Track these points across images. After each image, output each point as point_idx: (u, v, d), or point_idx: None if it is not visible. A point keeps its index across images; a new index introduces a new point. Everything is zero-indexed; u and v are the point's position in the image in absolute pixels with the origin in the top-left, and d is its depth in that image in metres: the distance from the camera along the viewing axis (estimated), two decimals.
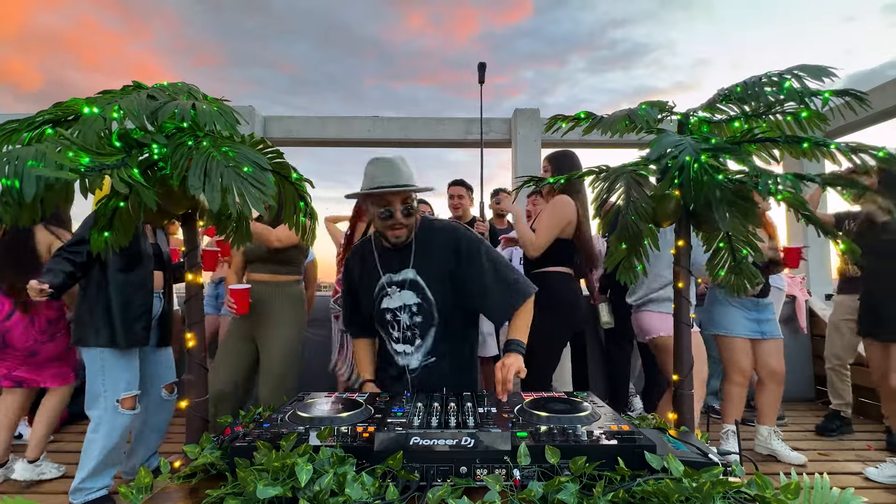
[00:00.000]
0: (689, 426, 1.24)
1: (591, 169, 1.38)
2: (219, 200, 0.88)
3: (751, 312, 2.63)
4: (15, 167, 0.81)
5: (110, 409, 2.05)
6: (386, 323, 1.62)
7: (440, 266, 1.59)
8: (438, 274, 1.59)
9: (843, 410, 3.14)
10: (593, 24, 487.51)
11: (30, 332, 2.36)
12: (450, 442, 0.90)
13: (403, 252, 1.61)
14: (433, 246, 1.61)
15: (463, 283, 1.57)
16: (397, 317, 1.60)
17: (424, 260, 1.60)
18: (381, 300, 1.62)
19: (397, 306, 1.60)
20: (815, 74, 1.10)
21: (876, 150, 1.05)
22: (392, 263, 1.62)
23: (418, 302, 1.58)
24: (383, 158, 1.52)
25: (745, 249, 1.34)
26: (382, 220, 1.53)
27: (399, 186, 1.47)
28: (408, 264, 1.60)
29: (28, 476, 2.38)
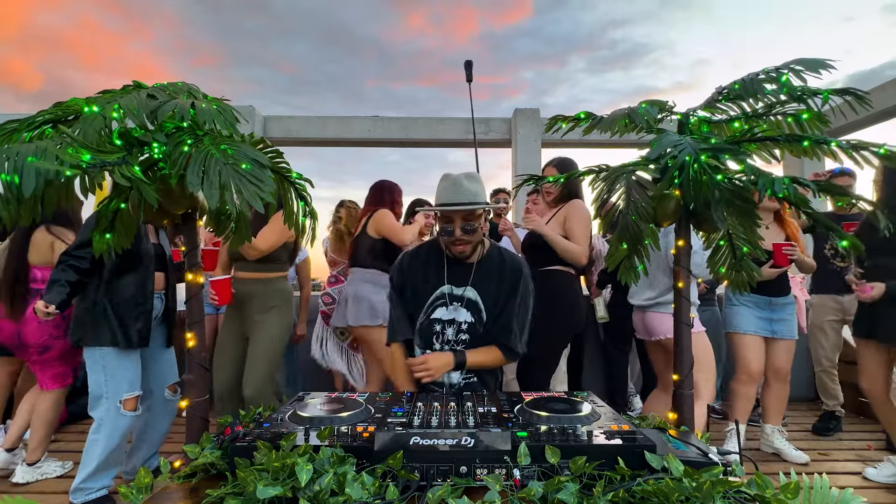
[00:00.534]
0: (689, 426, 1.24)
1: (591, 168, 1.38)
2: (217, 198, 0.88)
3: (763, 311, 2.61)
4: (14, 163, 0.81)
5: (113, 411, 2.05)
6: (431, 333, 1.63)
7: (498, 294, 1.62)
8: (495, 300, 1.62)
9: (838, 410, 3.15)
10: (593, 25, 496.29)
11: (44, 327, 2.37)
12: (450, 442, 0.90)
13: (469, 269, 1.63)
14: (498, 274, 1.64)
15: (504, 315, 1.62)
16: (445, 329, 1.62)
17: (486, 283, 1.63)
18: (435, 309, 1.63)
19: (448, 319, 1.62)
20: (813, 67, 1.10)
21: (877, 147, 1.05)
22: (455, 277, 1.64)
23: (471, 321, 1.61)
24: (450, 176, 1.56)
25: (745, 246, 1.34)
26: (444, 236, 1.58)
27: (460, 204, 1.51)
28: (473, 282, 1.62)
29: (29, 478, 2.38)
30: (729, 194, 1.14)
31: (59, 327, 2.39)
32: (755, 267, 1.38)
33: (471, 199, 1.53)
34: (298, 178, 1.24)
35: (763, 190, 1.04)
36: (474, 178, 1.56)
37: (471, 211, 1.54)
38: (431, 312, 1.63)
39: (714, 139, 1.23)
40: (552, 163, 2.56)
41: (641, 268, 1.41)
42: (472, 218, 1.56)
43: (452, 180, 1.55)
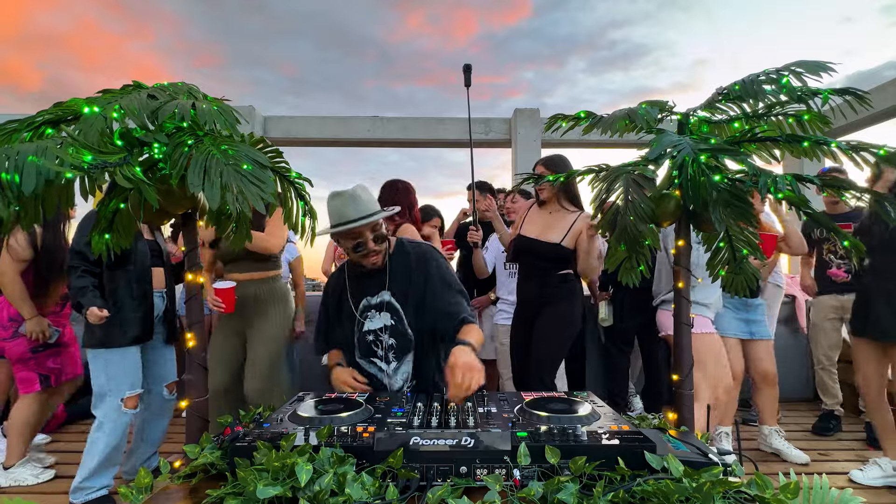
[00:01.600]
0: (688, 426, 1.24)
1: (590, 168, 1.38)
2: (218, 198, 0.88)
3: (739, 312, 2.62)
4: (15, 162, 0.81)
5: (114, 409, 2.06)
6: (369, 343, 1.64)
7: (414, 284, 1.64)
8: (411, 295, 1.63)
9: (837, 409, 3.16)
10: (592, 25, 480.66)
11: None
12: (450, 442, 0.90)
13: (378, 275, 1.65)
14: (408, 266, 1.66)
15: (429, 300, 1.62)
16: (380, 336, 1.64)
17: (400, 281, 1.64)
18: (363, 323, 1.65)
19: (379, 327, 1.63)
20: (813, 70, 1.10)
21: (876, 148, 1.05)
22: (369, 286, 1.66)
23: (391, 324, 1.62)
24: (343, 192, 1.54)
25: (745, 249, 1.34)
26: (357, 252, 1.57)
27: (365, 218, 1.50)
28: (384, 286, 1.64)
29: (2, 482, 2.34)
30: (727, 195, 1.14)
31: (6, 329, 2.35)
32: (756, 269, 1.38)
33: (373, 208, 1.54)
34: (298, 177, 1.24)
35: (764, 189, 1.04)
36: (365, 188, 1.58)
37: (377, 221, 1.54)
38: (362, 326, 1.66)
39: (714, 139, 1.23)
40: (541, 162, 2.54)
41: (642, 268, 1.41)
42: (379, 227, 1.57)
43: (349, 195, 1.52)
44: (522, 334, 2.45)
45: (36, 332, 2.34)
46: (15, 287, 2.30)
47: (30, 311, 2.34)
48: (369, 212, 1.52)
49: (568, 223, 2.41)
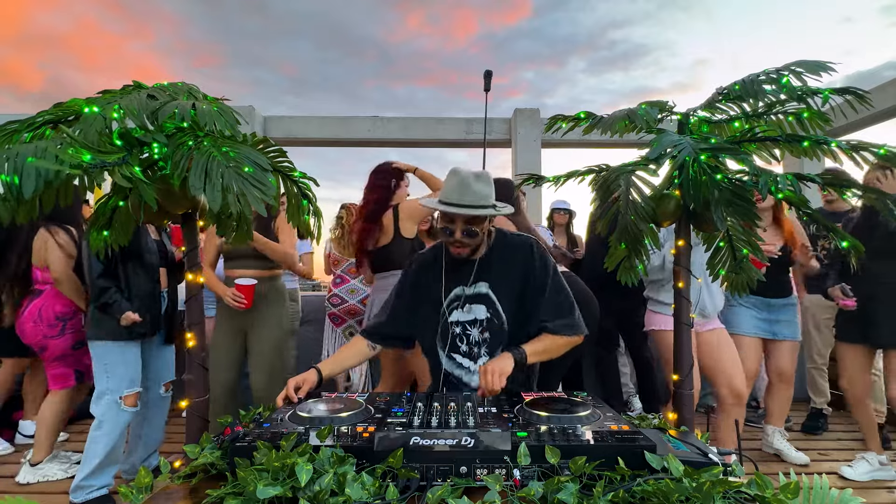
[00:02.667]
0: (688, 426, 1.24)
1: (591, 168, 1.38)
2: (220, 201, 0.88)
3: (761, 312, 2.59)
4: (14, 163, 0.81)
5: (113, 407, 2.07)
6: (454, 336, 1.56)
7: (512, 283, 1.55)
8: (510, 290, 1.55)
9: (825, 408, 3.16)
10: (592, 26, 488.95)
11: (38, 327, 2.37)
12: (450, 442, 0.90)
13: (477, 265, 1.56)
14: (505, 260, 1.57)
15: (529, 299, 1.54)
16: (467, 330, 1.56)
17: (497, 275, 1.56)
18: (451, 312, 1.57)
19: (468, 320, 1.55)
20: (813, 70, 1.10)
21: (876, 147, 1.05)
22: (464, 275, 1.57)
23: (488, 317, 1.54)
24: (459, 174, 1.46)
25: (745, 248, 1.34)
26: (445, 235, 1.51)
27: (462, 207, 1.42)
28: (481, 277, 1.56)
29: (31, 479, 2.37)
30: (729, 194, 1.14)
31: (53, 327, 2.38)
32: (755, 269, 1.38)
33: (477, 201, 1.44)
34: (302, 176, 1.24)
35: (765, 188, 1.04)
36: (483, 179, 1.47)
37: (475, 216, 1.46)
38: (448, 315, 1.57)
39: (714, 139, 1.23)
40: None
41: (641, 268, 1.41)
42: (476, 222, 1.48)
43: (461, 178, 1.45)
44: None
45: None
46: (73, 284, 2.35)
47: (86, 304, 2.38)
48: (471, 203, 1.43)
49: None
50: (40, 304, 2.40)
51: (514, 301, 1.54)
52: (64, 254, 2.34)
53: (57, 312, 2.39)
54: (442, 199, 1.47)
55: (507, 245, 1.59)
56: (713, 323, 2.29)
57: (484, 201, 1.45)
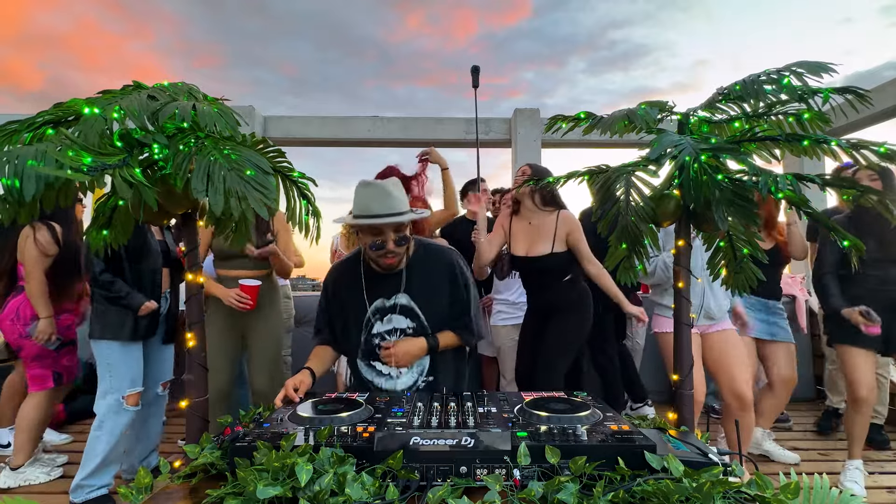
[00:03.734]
0: (688, 426, 1.24)
1: (590, 168, 1.38)
2: (222, 204, 0.88)
3: (759, 313, 2.59)
4: (15, 166, 0.81)
5: (115, 406, 2.07)
6: (373, 348, 1.58)
7: (436, 291, 1.59)
8: (434, 298, 1.59)
9: (841, 408, 3.12)
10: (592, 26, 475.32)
11: (15, 325, 2.35)
12: (450, 442, 0.90)
13: (395, 276, 1.58)
14: (430, 270, 1.60)
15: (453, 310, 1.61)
16: (385, 339, 1.58)
17: (419, 285, 1.58)
18: (372, 326, 1.59)
19: (387, 330, 1.58)
20: (814, 70, 1.10)
21: (877, 145, 1.05)
22: (383, 288, 1.58)
23: (413, 326, 1.57)
24: (374, 184, 1.47)
25: (745, 248, 1.34)
26: (374, 250, 1.49)
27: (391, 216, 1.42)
28: (400, 289, 1.57)
29: (11, 483, 2.33)
30: (730, 194, 1.14)
31: (28, 326, 2.36)
32: (755, 268, 1.38)
33: (401, 207, 1.45)
34: (301, 177, 1.23)
35: (765, 188, 1.04)
36: (398, 185, 1.50)
37: (402, 222, 1.46)
38: (370, 329, 1.59)
39: (714, 139, 1.23)
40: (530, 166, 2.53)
41: (641, 267, 1.41)
42: (404, 228, 1.49)
43: (380, 189, 1.44)
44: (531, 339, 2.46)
45: (46, 333, 2.34)
46: (39, 285, 2.31)
47: (47, 311, 2.34)
48: (396, 210, 1.44)
49: (550, 230, 2.38)
50: (19, 302, 2.38)
51: (439, 311, 1.59)
52: (38, 251, 2.29)
53: (34, 312, 2.35)
54: (360, 213, 1.46)
55: (429, 256, 1.63)
56: (721, 324, 2.28)
57: (405, 207, 1.48)
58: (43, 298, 2.32)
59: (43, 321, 2.33)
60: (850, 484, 2.29)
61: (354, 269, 1.64)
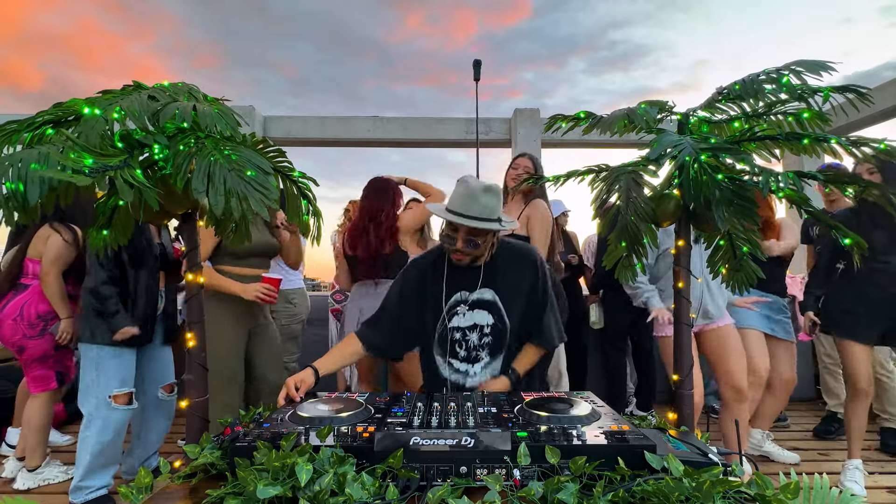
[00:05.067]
0: (688, 426, 1.24)
1: (590, 168, 1.38)
2: (222, 204, 0.88)
3: (763, 308, 2.58)
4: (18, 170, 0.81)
5: (102, 405, 2.03)
6: (453, 342, 1.58)
7: (518, 286, 1.60)
8: (516, 298, 1.59)
9: (840, 412, 3.11)
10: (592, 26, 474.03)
11: (19, 325, 2.32)
12: (450, 442, 0.90)
13: (480, 271, 1.59)
14: (511, 267, 1.60)
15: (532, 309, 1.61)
16: (467, 336, 1.58)
17: (504, 283, 1.59)
18: (451, 318, 1.59)
19: (468, 325, 1.58)
20: (814, 69, 1.10)
21: (876, 142, 1.05)
22: (466, 281, 1.59)
23: (492, 323, 1.58)
24: (469, 183, 1.47)
25: (745, 246, 1.34)
26: (446, 243, 1.53)
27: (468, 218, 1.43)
28: (485, 283, 1.58)
29: (31, 484, 2.35)
30: (730, 193, 1.14)
31: (33, 327, 2.33)
32: (755, 266, 1.38)
33: (483, 214, 1.44)
34: (301, 177, 1.23)
35: (766, 187, 1.04)
36: (492, 192, 1.47)
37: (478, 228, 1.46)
38: (448, 321, 1.59)
39: (714, 139, 1.23)
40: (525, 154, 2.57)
41: (640, 266, 1.41)
42: (479, 234, 1.49)
43: (469, 189, 1.45)
44: None
45: (68, 333, 2.34)
46: (56, 286, 2.31)
47: (67, 311, 2.35)
48: (475, 214, 1.44)
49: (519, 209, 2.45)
50: (23, 300, 2.34)
51: (519, 308, 1.60)
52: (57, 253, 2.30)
53: (40, 311, 2.34)
54: (449, 206, 1.50)
55: (512, 254, 1.63)
56: (720, 320, 2.28)
57: (490, 214, 1.46)
58: (62, 299, 2.33)
59: (64, 321, 2.34)
60: (850, 484, 2.29)
61: (438, 261, 1.64)
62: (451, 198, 1.51)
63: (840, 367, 3.14)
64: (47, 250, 2.30)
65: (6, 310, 2.33)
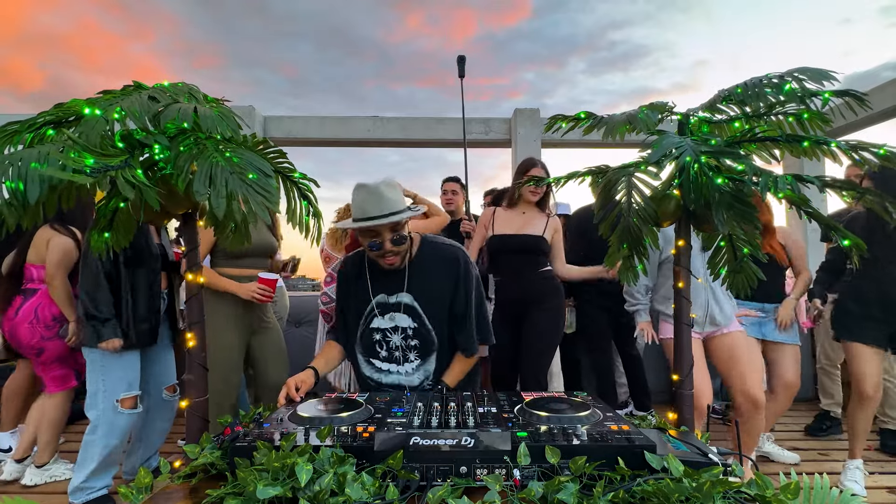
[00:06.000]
0: (688, 426, 1.24)
1: (591, 168, 1.38)
2: (224, 207, 0.88)
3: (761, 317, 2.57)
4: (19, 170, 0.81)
5: (109, 410, 2.04)
6: (372, 343, 1.60)
7: (440, 290, 1.58)
8: (436, 298, 1.58)
9: (833, 410, 3.12)
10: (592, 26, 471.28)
11: (35, 328, 2.34)
12: (450, 442, 0.90)
13: (399, 273, 1.58)
14: (433, 270, 1.59)
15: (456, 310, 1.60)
16: (387, 337, 1.59)
17: (421, 284, 1.58)
18: (372, 320, 1.60)
19: (388, 327, 1.59)
20: (816, 77, 1.10)
21: (876, 147, 1.05)
22: (387, 284, 1.60)
23: (414, 326, 1.58)
24: (368, 186, 1.48)
25: (745, 248, 1.34)
26: (373, 250, 1.52)
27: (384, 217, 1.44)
28: (403, 287, 1.58)
29: (38, 480, 2.37)
30: (729, 197, 1.14)
31: (50, 329, 2.35)
32: (755, 268, 1.38)
33: (395, 208, 1.46)
34: (302, 177, 1.24)
35: (765, 189, 1.04)
36: (392, 186, 1.50)
37: (398, 221, 1.47)
38: (369, 322, 1.60)
39: (714, 140, 1.23)
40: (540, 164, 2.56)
41: (641, 268, 1.41)
42: (400, 227, 1.50)
43: (372, 190, 1.47)
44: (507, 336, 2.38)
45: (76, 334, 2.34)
46: (63, 288, 2.32)
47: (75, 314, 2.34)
48: (390, 210, 1.45)
49: (544, 220, 2.48)
50: (36, 303, 2.36)
51: (443, 310, 1.59)
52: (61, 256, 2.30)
53: (55, 313, 2.36)
54: (357, 216, 1.49)
55: (434, 254, 1.63)
56: (728, 327, 2.26)
57: (399, 206, 1.49)
58: (70, 302, 2.33)
59: (73, 324, 2.34)
60: (851, 484, 2.28)
61: (362, 262, 1.65)
62: (356, 208, 1.50)
63: (837, 368, 3.15)
64: (51, 253, 2.30)
65: (20, 314, 2.35)
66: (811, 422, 3.15)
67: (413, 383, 1.58)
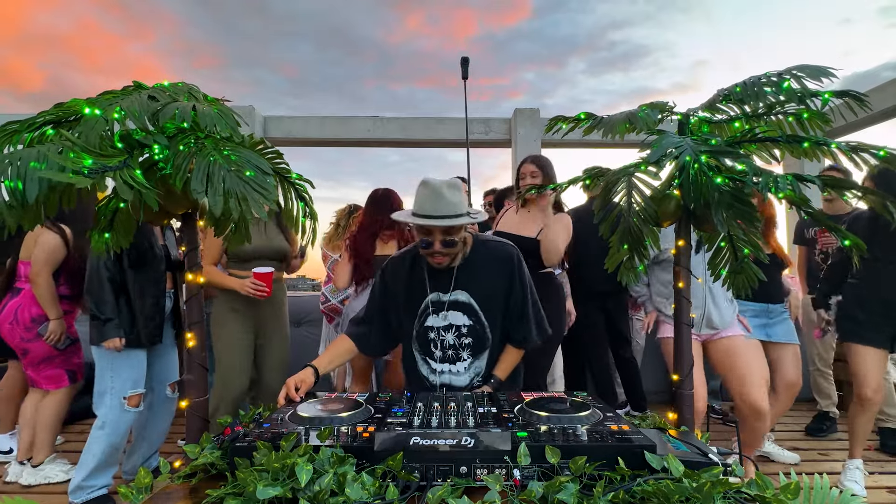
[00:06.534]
0: (688, 426, 1.24)
1: (589, 171, 1.38)
2: (221, 204, 0.88)
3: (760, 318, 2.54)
4: (17, 168, 0.81)
5: (116, 407, 2.07)
6: (428, 342, 1.60)
7: (494, 288, 1.59)
8: (493, 299, 1.58)
9: (832, 411, 3.13)
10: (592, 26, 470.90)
11: (15, 329, 2.33)
12: (450, 442, 0.90)
13: (456, 272, 1.58)
14: (487, 268, 1.59)
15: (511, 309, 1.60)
16: (442, 336, 1.59)
17: (477, 282, 1.58)
18: (426, 318, 1.60)
19: (443, 325, 1.58)
20: (815, 75, 1.10)
21: (876, 149, 1.05)
22: (442, 281, 1.59)
23: (469, 324, 1.58)
24: (430, 184, 1.48)
25: (746, 248, 1.34)
26: (423, 248, 1.52)
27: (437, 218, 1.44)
28: (459, 285, 1.58)
29: (32, 481, 2.36)
30: (729, 197, 1.14)
31: (29, 330, 2.34)
32: (756, 268, 1.38)
33: (452, 210, 1.45)
34: (298, 178, 1.24)
35: (765, 189, 1.04)
36: (455, 188, 1.48)
37: (451, 226, 1.47)
38: (424, 321, 1.60)
39: (714, 140, 1.23)
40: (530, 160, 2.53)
41: (641, 268, 1.41)
42: (453, 232, 1.49)
43: (433, 189, 1.46)
44: None
45: (56, 334, 2.34)
46: (47, 286, 2.31)
47: (56, 312, 2.35)
48: (446, 213, 1.44)
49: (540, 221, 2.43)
50: (17, 304, 2.35)
51: (497, 309, 1.59)
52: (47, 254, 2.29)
53: (33, 315, 2.35)
54: (416, 211, 1.49)
55: (488, 253, 1.62)
56: (728, 331, 2.24)
57: (458, 210, 1.47)
58: (52, 300, 2.32)
59: (53, 322, 2.34)
60: (851, 484, 2.28)
61: (414, 261, 1.65)
62: (416, 202, 1.50)
63: (831, 369, 3.15)
64: (38, 250, 2.29)
65: (3, 314, 2.34)
66: (811, 422, 3.15)
67: (462, 383, 1.58)
